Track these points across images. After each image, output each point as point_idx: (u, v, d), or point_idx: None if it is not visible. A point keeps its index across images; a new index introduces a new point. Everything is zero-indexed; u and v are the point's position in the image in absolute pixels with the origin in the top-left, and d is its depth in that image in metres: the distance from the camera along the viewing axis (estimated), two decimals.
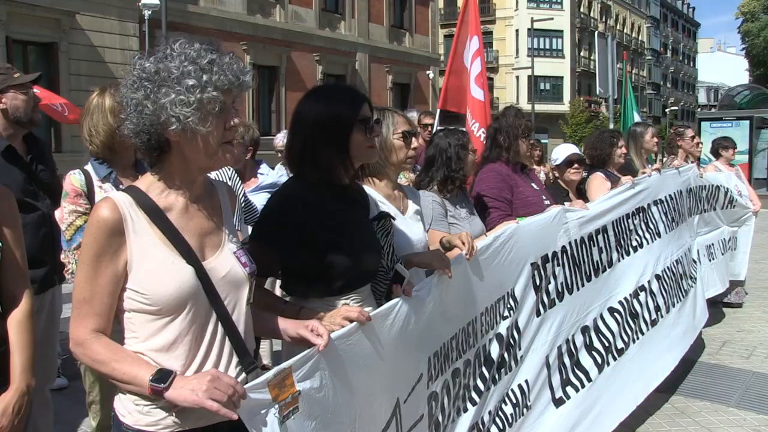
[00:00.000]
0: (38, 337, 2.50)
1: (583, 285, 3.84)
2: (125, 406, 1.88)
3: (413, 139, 3.17)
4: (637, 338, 4.37)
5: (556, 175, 5.26)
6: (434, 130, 6.26)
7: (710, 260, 6.37)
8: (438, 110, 6.74)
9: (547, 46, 55.13)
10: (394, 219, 2.87)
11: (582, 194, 5.15)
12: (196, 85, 1.78)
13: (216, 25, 23.13)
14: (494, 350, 3.10)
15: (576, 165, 5.09)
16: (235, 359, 1.94)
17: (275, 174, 5.00)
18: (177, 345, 1.85)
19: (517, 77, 54.48)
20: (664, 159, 8.24)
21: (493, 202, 4.16)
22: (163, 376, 1.75)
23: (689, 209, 5.89)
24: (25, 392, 2.27)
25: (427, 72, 33.88)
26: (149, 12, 19.12)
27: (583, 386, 3.74)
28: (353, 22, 29.95)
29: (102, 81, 19.16)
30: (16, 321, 2.33)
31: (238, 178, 4.23)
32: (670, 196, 5.37)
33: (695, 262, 5.86)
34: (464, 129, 4.77)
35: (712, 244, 6.51)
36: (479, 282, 2.94)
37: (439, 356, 2.65)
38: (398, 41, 32.63)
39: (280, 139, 7.46)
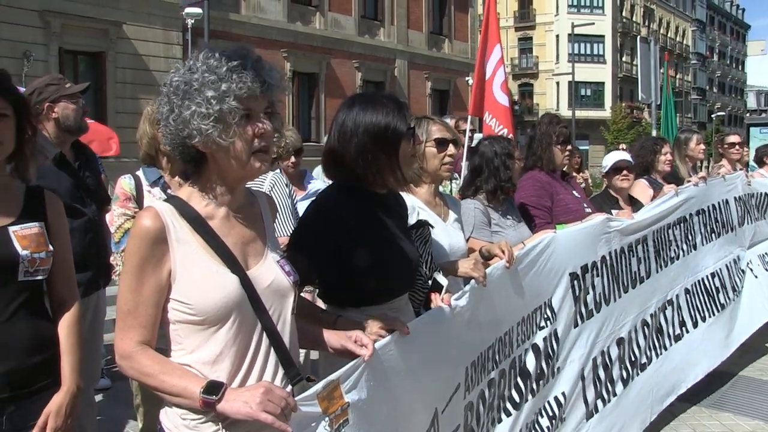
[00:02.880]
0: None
1: (619, 296, 3.80)
2: (172, 421, 1.84)
3: (450, 145, 3.16)
4: (660, 353, 4.30)
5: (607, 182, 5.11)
6: (474, 136, 6.31)
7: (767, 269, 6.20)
8: (471, 117, 6.80)
9: (588, 52, 54.47)
10: (432, 227, 2.87)
11: (634, 202, 5.04)
12: (215, 96, 1.74)
13: (256, 33, 23.40)
14: (530, 361, 3.09)
15: (625, 172, 4.95)
16: (280, 371, 1.89)
17: (321, 182, 5.02)
18: (223, 356, 1.81)
19: (558, 83, 53.96)
20: (711, 167, 8.08)
21: (533, 211, 4.13)
22: (214, 388, 1.71)
23: (739, 219, 5.75)
24: (75, 393, 2.32)
25: (466, 78, 33.75)
26: (192, 21, 19.48)
27: (609, 401, 3.69)
28: (392, 29, 30.02)
29: (146, 89, 19.65)
30: (65, 324, 2.39)
31: (291, 186, 4.24)
32: (713, 206, 5.27)
33: (744, 272, 5.72)
34: (509, 137, 4.76)
35: (766, 253, 6.33)
36: (516, 291, 2.93)
37: (476, 366, 2.65)
38: (437, 48, 32.60)
39: None
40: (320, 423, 1.79)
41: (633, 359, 3.96)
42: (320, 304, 2.55)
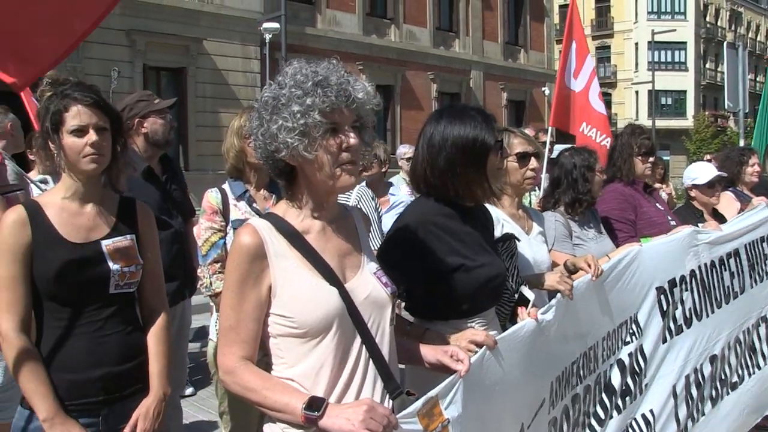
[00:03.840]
0: None
1: (713, 311, 3.65)
2: None
3: (532, 159, 3.13)
4: (752, 373, 4.08)
5: (692, 195, 4.87)
6: (554, 147, 6.27)
7: None
8: (550, 127, 6.79)
9: (669, 59, 52.86)
10: (518, 240, 2.85)
11: (717, 215, 4.84)
12: (299, 110, 1.77)
13: (332, 46, 23.70)
14: (615, 377, 2.99)
15: (717, 187, 4.76)
16: (379, 383, 1.90)
17: (404, 194, 5.06)
18: (323, 370, 1.83)
19: (637, 92, 52.57)
20: None
21: (616, 224, 4.04)
22: (316, 404, 1.73)
23: None
24: (162, 398, 2.40)
25: (543, 89, 33.35)
26: (269, 35, 19.95)
27: (698, 420, 3.54)
28: (467, 40, 29.93)
29: (225, 102, 20.25)
30: (154, 332, 2.48)
31: (377, 200, 4.29)
32: None
33: None
34: (591, 148, 4.67)
35: None
36: (602, 306, 2.86)
37: (561, 381, 2.59)
38: (513, 58, 32.30)
39: (404, 151, 7.38)
40: None
41: (723, 377, 3.79)
42: (405, 315, 2.55)
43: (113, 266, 2.32)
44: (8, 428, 3.43)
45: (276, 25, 19.62)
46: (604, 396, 2.94)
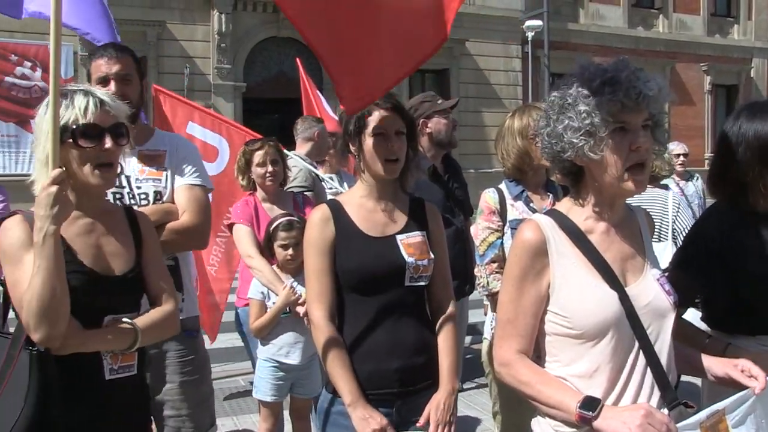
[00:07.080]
0: None
1: None
2: (544, 430, 1.88)
3: None
4: None
5: None
6: None
7: None
8: None
9: None
10: None
11: None
12: (585, 110, 1.74)
13: (596, 41, 22.95)
14: None
15: None
16: (656, 392, 1.84)
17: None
18: (599, 372, 1.81)
19: None
20: None
21: None
22: (591, 404, 1.72)
23: None
24: (452, 392, 2.46)
25: None
26: (531, 33, 19.82)
27: None
28: (748, 25, 27.13)
29: (488, 102, 20.51)
30: (443, 328, 2.54)
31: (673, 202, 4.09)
32: None
33: None
34: None
35: None
36: None
37: None
38: None
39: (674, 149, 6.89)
40: None
41: None
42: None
43: (408, 259, 2.42)
44: (306, 403, 3.78)
45: (538, 22, 19.48)
46: None
